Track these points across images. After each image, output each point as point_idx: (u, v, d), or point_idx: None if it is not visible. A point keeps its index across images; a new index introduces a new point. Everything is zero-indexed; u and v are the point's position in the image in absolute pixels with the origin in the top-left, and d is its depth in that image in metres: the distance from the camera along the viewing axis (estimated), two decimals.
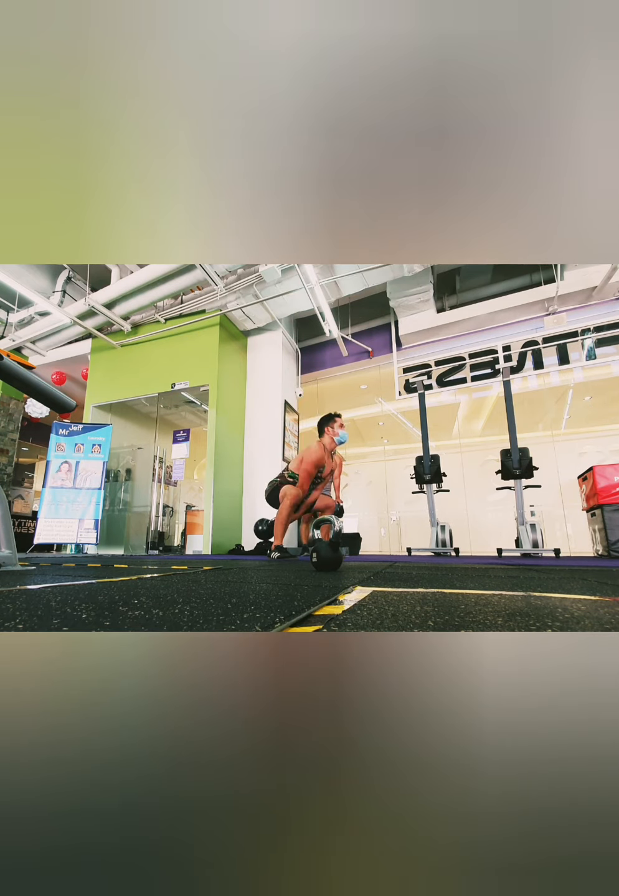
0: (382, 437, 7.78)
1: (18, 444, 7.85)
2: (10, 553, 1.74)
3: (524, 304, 5.80)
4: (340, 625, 0.60)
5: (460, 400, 7.01)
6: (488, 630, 0.57)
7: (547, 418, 6.52)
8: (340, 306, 6.94)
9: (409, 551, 5.00)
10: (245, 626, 0.58)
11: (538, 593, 1.00)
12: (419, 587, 1.14)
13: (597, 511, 4.57)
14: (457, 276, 6.63)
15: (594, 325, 5.50)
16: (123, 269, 6.67)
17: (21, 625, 0.58)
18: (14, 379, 1.66)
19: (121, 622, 0.60)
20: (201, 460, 8.77)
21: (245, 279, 5.54)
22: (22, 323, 7.19)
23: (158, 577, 1.41)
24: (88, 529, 5.94)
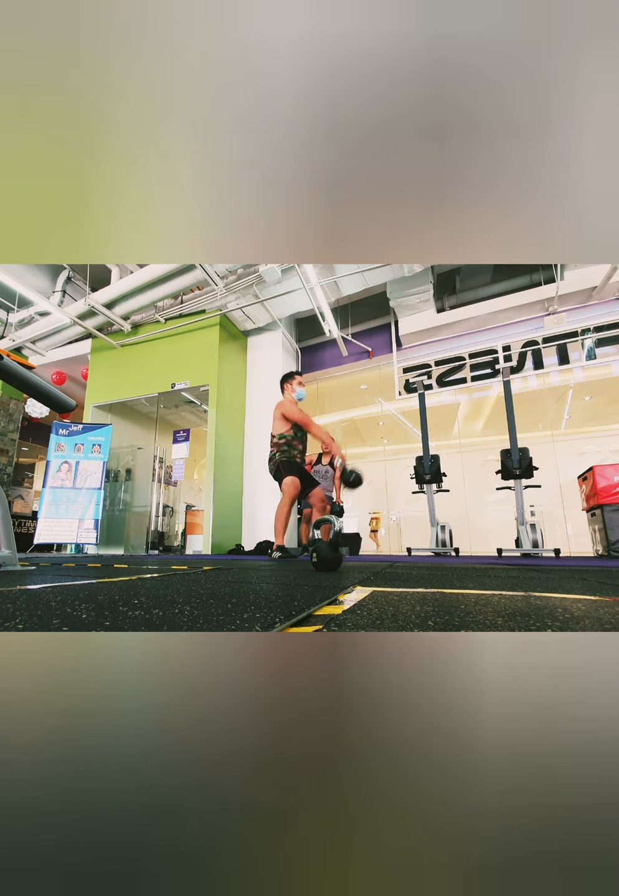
0: (382, 437, 7.78)
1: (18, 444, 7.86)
2: (10, 553, 1.74)
3: (524, 304, 5.80)
4: (340, 625, 0.60)
5: (460, 400, 7.01)
6: (488, 630, 0.56)
7: (547, 418, 6.52)
8: (340, 306, 6.94)
9: (409, 551, 5.00)
10: (245, 626, 0.58)
11: (538, 593, 1.00)
12: (419, 587, 1.14)
13: (597, 511, 4.57)
14: (457, 276, 6.63)
15: (594, 325, 5.51)
16: (123, 269, 6.67)
17: (21, 625, 0.58)
18: (14, 379, 1.66)
19: (121, 622, 0.60)
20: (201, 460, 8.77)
21: (245, 279, 5.54)
22: (22, 323, 7.19)
23: (158, 577, 1.41)
24: (88, 529, 5.94)
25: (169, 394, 6.47)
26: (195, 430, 6.92)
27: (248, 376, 6.95)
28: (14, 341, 6.98)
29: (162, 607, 0.73)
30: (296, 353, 7.50)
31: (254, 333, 6.92)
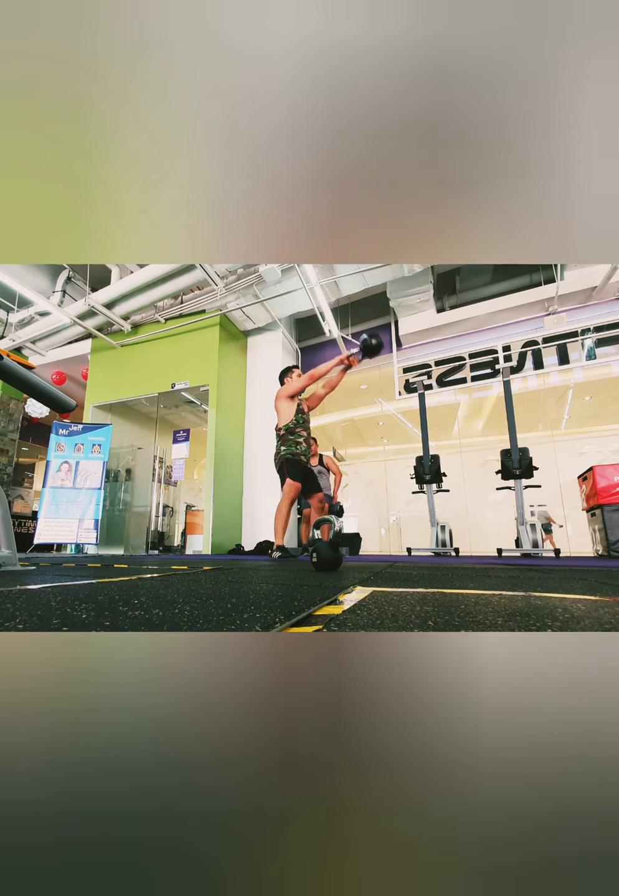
0: (382, 437, 7.79)
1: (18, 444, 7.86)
2: (10, 553, 1.74)
3: (524, 304, 5.80)
4: (340, 625, 0.60)
5: (460, 400, 7.01)
6: (488, 630, 0.56)
7: (547, 418, 6.52)
8: (340, 306, 6.94)
9: (409, 551, 5.00)
10: (245, 626, 0.58)
11: (538, 593, 1.00)
12: (419, 587, 1.14)
13: (597, 511, 4.57)
14: (457, 276, 6.63)
15: (594, 325, 5.51)
16: (123, 269, 6.67)
17: (21, 625, 0.58)
18: (14, 379, 1.66)
19: (121, 622, 0.60)
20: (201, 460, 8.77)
21: (245, 279, 5.54)
22: (22, 323, 7.19)
23: (158, 577, 1.41)
24: (88, 529, 5.94)
25: (169, 394, 6.47)
26: (195, 430, 6.92)
27: (248, 376, 6.95)
28: (14, 341, 6.98)
29: (162, 607, 0.73)
30: (296, 353, 7.49)
31: (254, 333, 6.92)
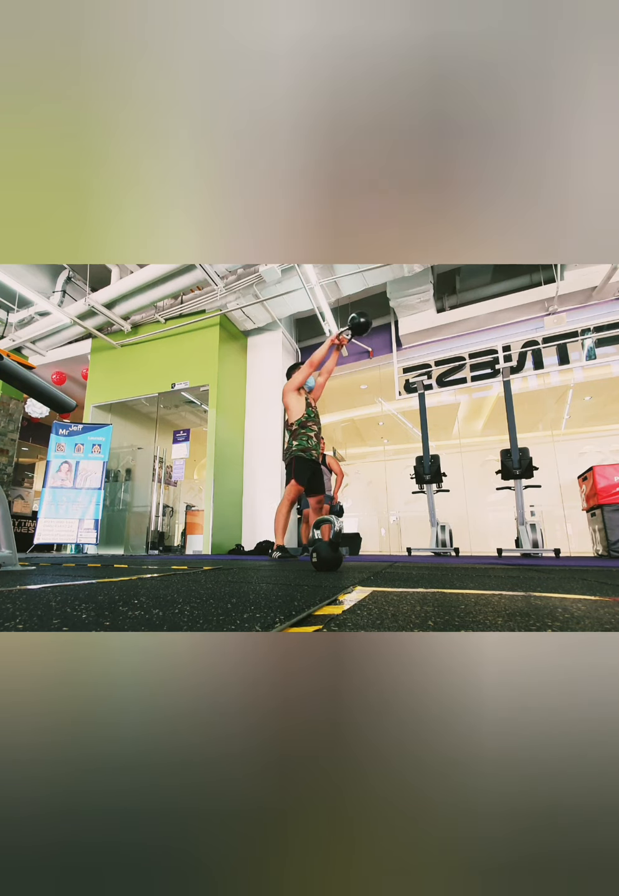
0: (382, 437, 7.78)
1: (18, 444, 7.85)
2: (10, 553, 1.74)
3: (524, 304, 5.79)
4: (340, 625, 0.60)
5: (460, 400, 7.01)
6: (488, 630, 0.56)
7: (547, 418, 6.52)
8: (340, 306, 6.93)
9: (409, 551, 5.00)
10: (245, 626, 0.58)
11: (538, 593, 1.00)
12: (419, 587, 1.14)
13: (597, 511, 4.57)
14: (457, 276, 6.63)
15: (594, 325, 5.50)
16: (123, 269, 6.67)
17: (21, 625, 0.58)
18: (14, 379, 1.66)
19: (121, 622, 0.60)
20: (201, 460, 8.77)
21: (245, 279, 5.54)
22: (22, 323, 7.19)
23: (158, 577, 1.41)
24: (88, 529, 5.94)
25: (169, 394, 6.47)
26: (195, 430, 6.92)
27: (248, 376, 6.95)
28: (14, 341, 6.98)
29: (162, 607, 0.73)
30: (296, 353, 7.49)
31: (254, 333, 6.92)
